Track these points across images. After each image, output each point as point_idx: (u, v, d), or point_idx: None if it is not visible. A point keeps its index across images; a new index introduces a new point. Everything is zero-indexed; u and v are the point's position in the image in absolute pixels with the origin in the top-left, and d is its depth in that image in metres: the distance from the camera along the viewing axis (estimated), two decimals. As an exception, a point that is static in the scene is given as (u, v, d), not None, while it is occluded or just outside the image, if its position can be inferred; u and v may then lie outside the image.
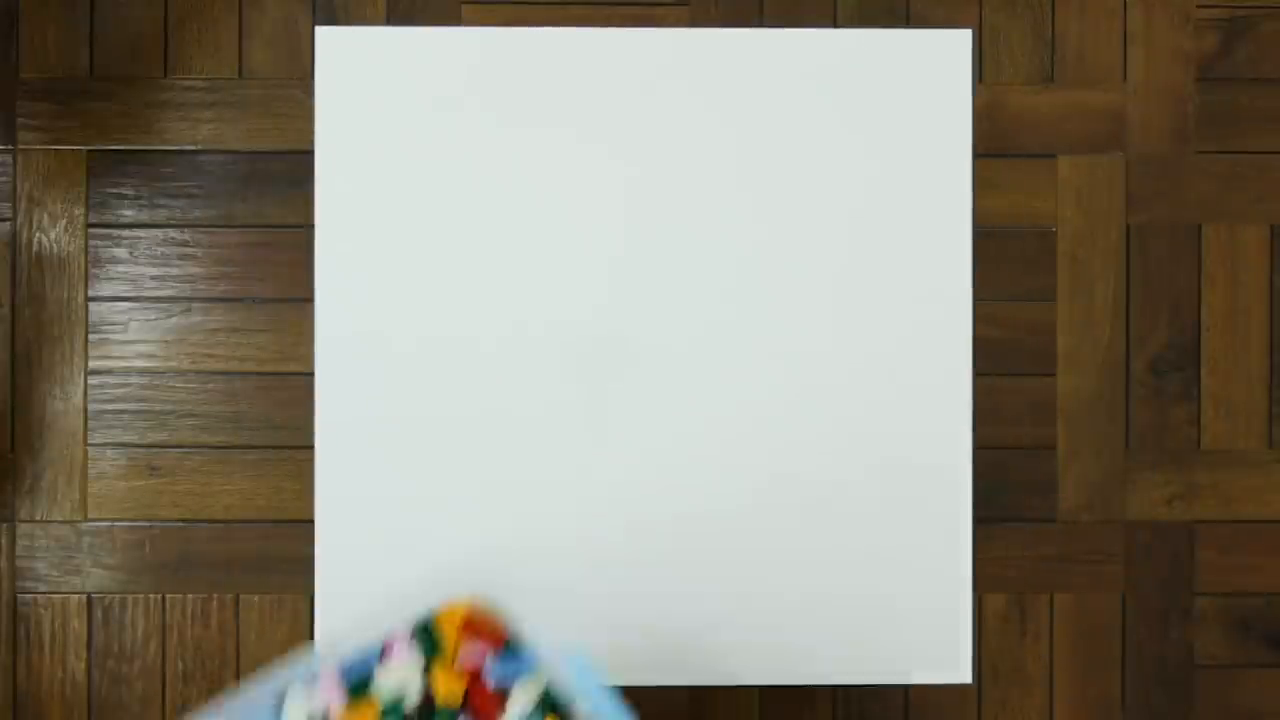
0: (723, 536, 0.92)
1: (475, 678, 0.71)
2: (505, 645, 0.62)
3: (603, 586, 0.92)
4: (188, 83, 1.44)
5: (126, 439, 1.43)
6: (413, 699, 0.62)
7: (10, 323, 1.44)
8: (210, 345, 1.43)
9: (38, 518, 1.44)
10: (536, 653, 0.72)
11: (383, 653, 0.63)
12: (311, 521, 0.89)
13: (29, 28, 1.45)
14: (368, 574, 0.91)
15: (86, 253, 1.44)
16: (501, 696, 0.70)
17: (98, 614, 1.44)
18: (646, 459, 0.89)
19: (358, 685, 0.50)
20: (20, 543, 1.44)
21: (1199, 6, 1.46)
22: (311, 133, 0.89)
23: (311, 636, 0.88)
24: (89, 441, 1.43)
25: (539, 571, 0.92)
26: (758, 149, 0.90)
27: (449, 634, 0.53)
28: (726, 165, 0.86)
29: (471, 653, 0.58)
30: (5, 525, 1.44)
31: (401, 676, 0.61)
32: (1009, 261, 1.44)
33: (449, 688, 0.66)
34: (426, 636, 0.54)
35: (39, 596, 1.44)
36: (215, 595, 1.44)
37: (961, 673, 0.90)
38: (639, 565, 0.93)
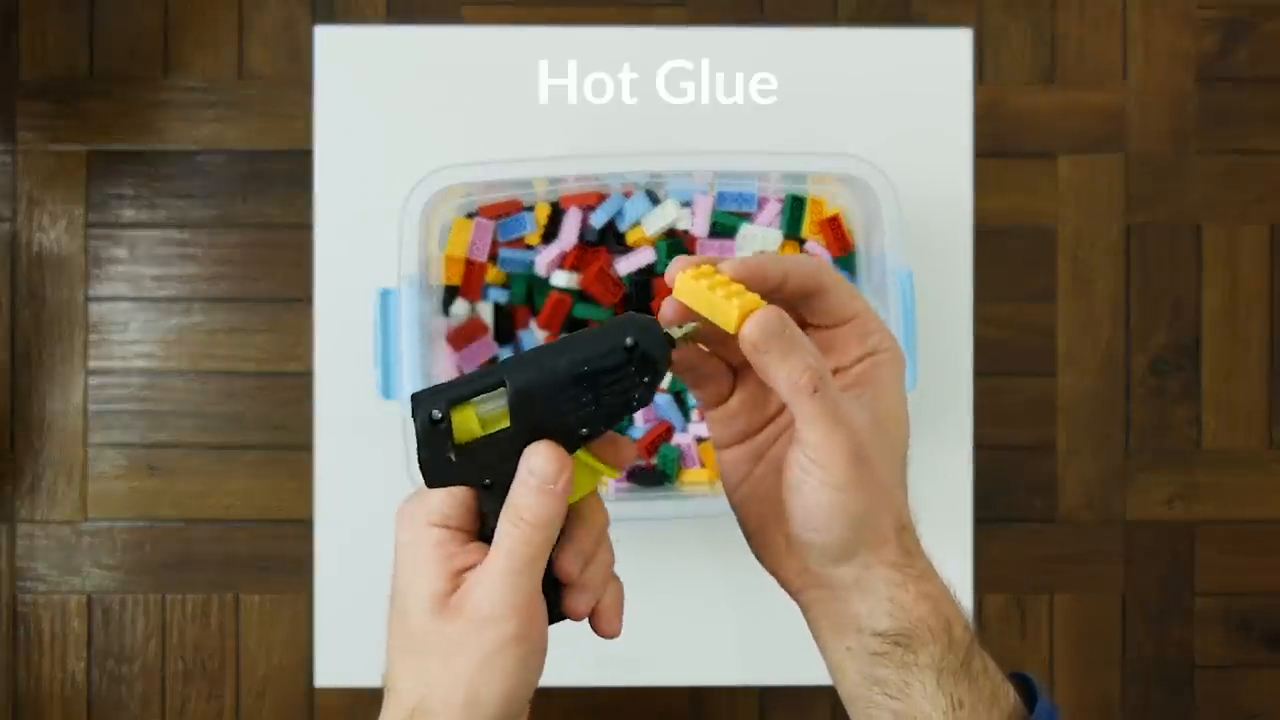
0: (723, 535, 0.92)
1: None
2: None
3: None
4: (188, 83, 1.44)
5: (126, 439, 1.43)
6: None
7: (10, 323, 1.44)
8: (210, 345, 1.43)
9: (38, 518, 1.44)
10: None
11: None
12: (311, 521, 0.89)
13: (29, 28, 1.45)
14: (368, 574, 0.91)
15: (86, 253, 1.44)
16: None
17: (98, 614, 1.43)
18: (646, 459, 0.90)
19: None
20: (20, 543, 1.44)
21: (1199, 7, 1.46)
22: (311, 133, 0.89)
23: (311, 636, 0.88)
24: (89, 441, 1.43)
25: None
26: (756, 148, 0.90)
27: None
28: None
29: None
30: (5, 525, 1.44)
31: None
32: (1009, 261, 1.44)
33: None
34: None
35: (39, 596, 1.44)
36: (215, 595, 1.44)
37: (961, 673, 0.90)
38: (639, 563, 0.93)
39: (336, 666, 0.91)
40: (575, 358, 0.43)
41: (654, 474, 0.83)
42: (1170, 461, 1.44)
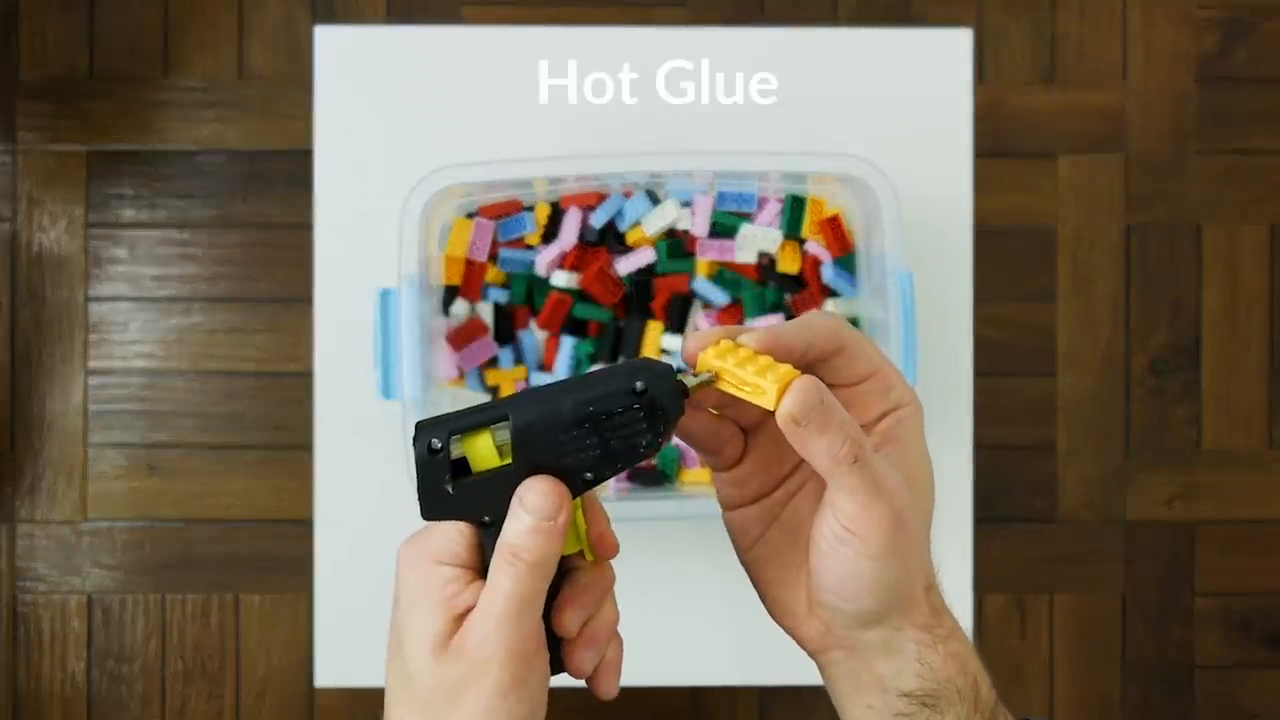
0: (723, 536, 0.92)
1: None
2: None
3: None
4: (188, 83, 1.44)
5: (126, 439, 1.43)
6: None
7: (10, 323, 1.44)
8: (210, 345, 1.43)
9: (38, 518, 1.44)
10: None
11: None
12: (311, 521, 0.89)
13: (29, 28, 1.45)
14: (368, 574, 0.91)
15: (86, 253, 1.44)
16: None
17: (98, 614, 1.43)
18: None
19: None
20: (20, 543, 1.44)
21: (1199, 7, 1.46)
22: (311, 133, 0.89)
23: (311, 636, 0.88)
24: (89, 441, 1.43)
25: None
26: (756, 148, 0.90)
27: None
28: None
29: None
30: (5, 525, 1.44)
31: None
32: (1009, 261, 1.44)
33: None
34: None
35: (39, 596, 1.44)
36: (215, 595, 1.44)
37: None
38: (639, 563, 0.93)
39: (336, 666, 0.91)
40: (581, 397, 0.42)
41: (654, 474, 0.83)
42: (1170, 461, 1.44)
